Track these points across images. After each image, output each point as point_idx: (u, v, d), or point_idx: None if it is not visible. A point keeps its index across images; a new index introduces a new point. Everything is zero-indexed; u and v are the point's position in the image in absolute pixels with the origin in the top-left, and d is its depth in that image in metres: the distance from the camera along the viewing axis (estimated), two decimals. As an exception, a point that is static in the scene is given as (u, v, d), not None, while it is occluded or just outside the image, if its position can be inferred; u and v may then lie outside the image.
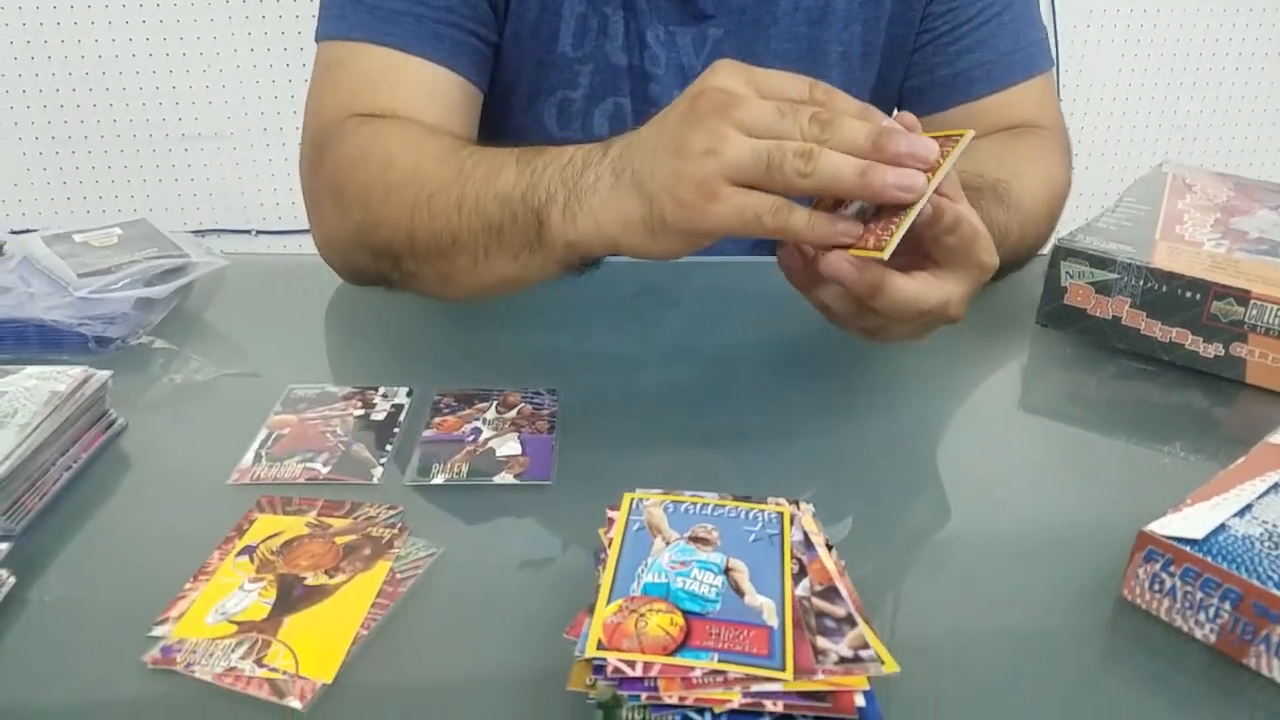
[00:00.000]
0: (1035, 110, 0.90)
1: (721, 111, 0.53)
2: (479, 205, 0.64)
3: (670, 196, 0.54)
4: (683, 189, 0.53)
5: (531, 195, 0.61)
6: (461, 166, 0.67)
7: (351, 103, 0.79)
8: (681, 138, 0.54)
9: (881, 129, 0.54)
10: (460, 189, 0.65)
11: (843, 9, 0.87)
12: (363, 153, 0.74)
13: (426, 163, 0.69)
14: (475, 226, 0.64)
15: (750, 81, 0.55)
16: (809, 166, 0.52)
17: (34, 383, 0.59)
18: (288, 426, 0.63)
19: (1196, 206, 0.78)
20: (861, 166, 0.52)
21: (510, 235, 0.63)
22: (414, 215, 0.68)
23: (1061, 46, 2.32)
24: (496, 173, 0.64)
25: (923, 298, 0.56)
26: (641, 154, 0.57)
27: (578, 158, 0.60)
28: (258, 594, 0.48)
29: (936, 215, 0.55)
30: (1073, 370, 0.73)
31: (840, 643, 0.42)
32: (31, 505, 0.54)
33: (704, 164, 0.53)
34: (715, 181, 0.53)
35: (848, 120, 0.54)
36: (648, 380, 0.72)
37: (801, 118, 0.54)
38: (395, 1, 0.79)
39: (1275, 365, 0.66)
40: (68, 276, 0.74)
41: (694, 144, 0.53)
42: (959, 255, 0.57)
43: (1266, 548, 0.46)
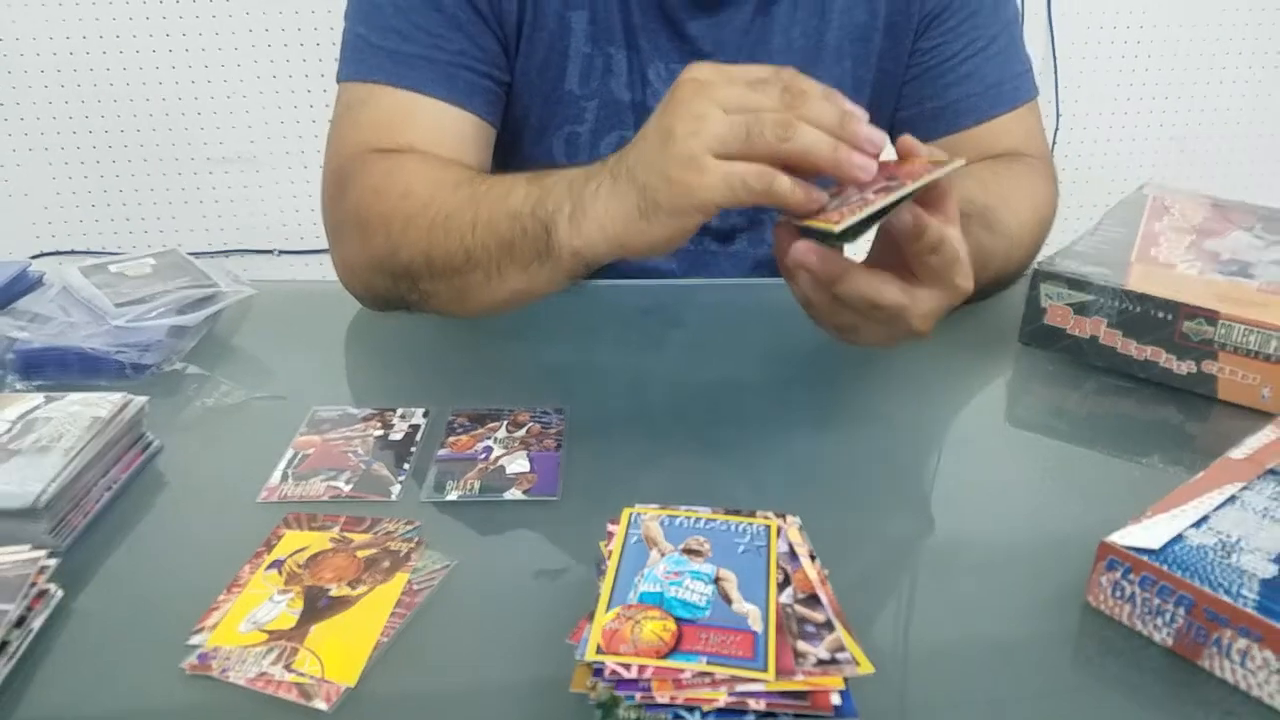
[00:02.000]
0: (1022, 139, 0.93)
1: (698, 94, 0.57)
2: (492, 223, 0.68)
3: (661, 178, 0.58)
4: (671, 168, 0.57)
5: (540, 208, 0.65)
6: (475, 191, 0.71)
7: (371, 140, 0.83)
8: (665, 125, 0.58)
9: (846, 111, 0.57)
10: (474, 210, 0.70)
11: (834, 45, 0.90)
12: (382, 185, 0.78)
13: (442, 191, 0.74)
14: (489, 243, 0.68)
15: (721, 70, 0.59)
16: (788, 133, 0.55)
17: (77, 408, 0.63)
18: (312, 447, 0.67)
19: (1173, 228, 0.82)
20: (834, 141, 0.56)
21: (521, 248, 0.67)
22: (430, 237, 0.72)
23: (1060, 62, 2.35)
24: (509, 192, 0.68)
25: (881, 295, 0.60)
26: (634, 153, 0.61)
27: (583, 172, 0.65)
28: (286, 604, 0.52)
29: (919, 230, 0.58)
30: (1053, 387, 0.76)
31: (819, 646, 0.45)
32: (76, 523, 0.58)
33: (688, 143, 0.56)
34: (701, 156, 0.56)
35: (817, 98, 0.57)
36: (651, 398, 0.76)
37: (773, 92, 0.57)
38: (411, 46, 0.84)
39: (1244, 382, 0.69)
40: (105, 306, 0.79)
41: (677, 128, 0.57)
42: (936, 274, 0.60)
43: (1219, 556, 0.50)
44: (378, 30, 0.85)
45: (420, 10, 0.84)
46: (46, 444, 0.60)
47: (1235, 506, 0.54)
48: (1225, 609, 0.47)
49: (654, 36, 0.89)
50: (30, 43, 2.09)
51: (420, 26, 0.84)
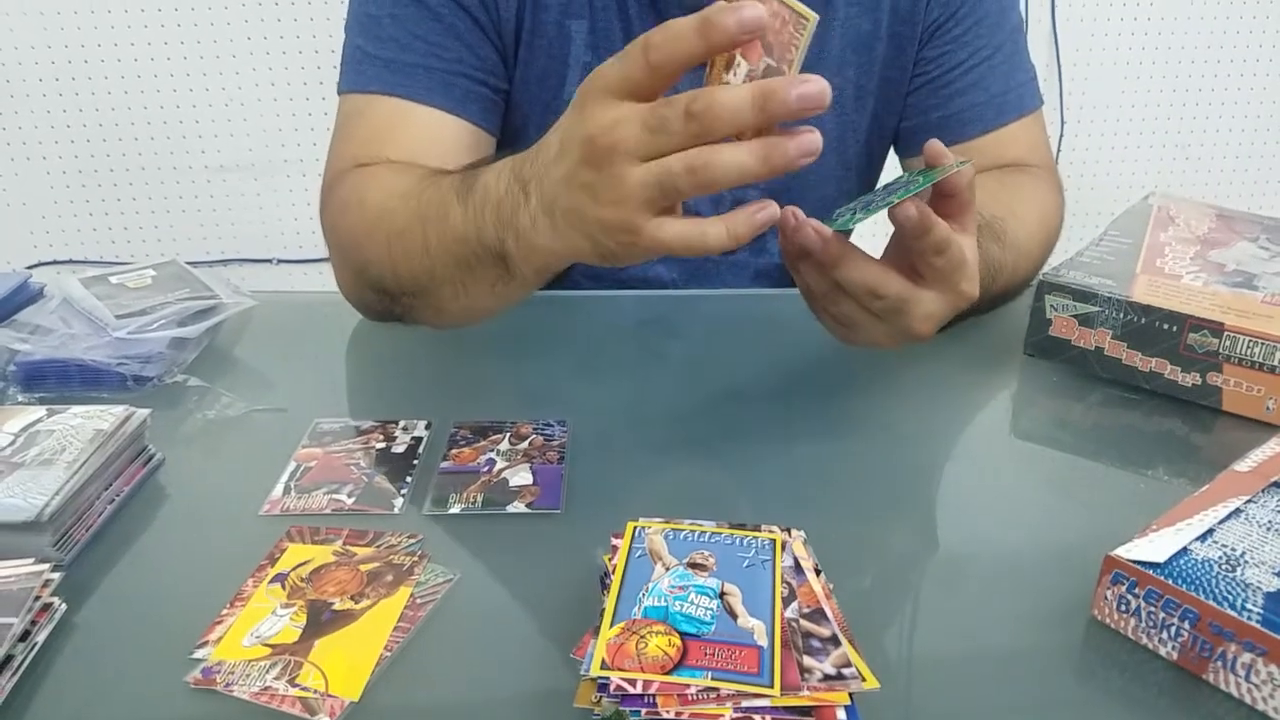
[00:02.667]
0: (1026, 149, 0.93)
1: (609, 155, 0.53)
2: (443, 245, 0.67)
3: (608, 237, 0.56)
4: (613, 233, 0.55)
5: (483, 238, 0.63)
6: (419, 207, 0.70)
7: (359, 153, 0.84)
8: (590, 187, 0.55)
9: (758, 90, 0.50)
10: (422, 230, 0.69)
11: (836, 54, 0.91)
12: (349, 198, 0.80)
13: (391, 201, 0.74)
14: (448, 263, 0.68)
15: (617, 119, 0.53)
16: (705, 177, 0.51)
17: (79, 421, 0.63)
18: (314, 459, 0.67)
19: (1178, 239, 0.82)
20: (759, 153, 0.51)
21: (481, 272, 0.66)
22: (391, 254, 0.73)
23: (1064, 70, 2.35)
24: (445, 214, 0.67)
25: (884, 284, 0.60)
26: (559, 194, 0.57)
27: (505, 201, 0.61)
28: (289, 618, 0.52)
29: (925, 227, 0.57)
30: (1059, 398, 0.76)
31: (825, 661, 0.45)
32: (79, 536, 0.58)
33: (618, 210, 0.54)
34: (636, 220, 0.54)
35: (721, 97, 0.50)
36: (653, 409, 0.76)
37: (675, 122, 0.51)
38: (409, 55, 0.84)
39: (1249, 393, 0.69)
40: (106, 318, 0.79)
41: (601, 193, 0.54)
42: (942, 277, 0.60)
43: (1223, 570, 0.50)
44: (375, 41, 0.86)
45: (417, 20, 0.85)
46: (49, 457, 0.59)
47: (1240, 520, 0.54)
48: (1230, 623, 0.47)
49: None
50: (29, 52, 2.10)
51: (418, 36, 0.84)
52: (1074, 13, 2.32)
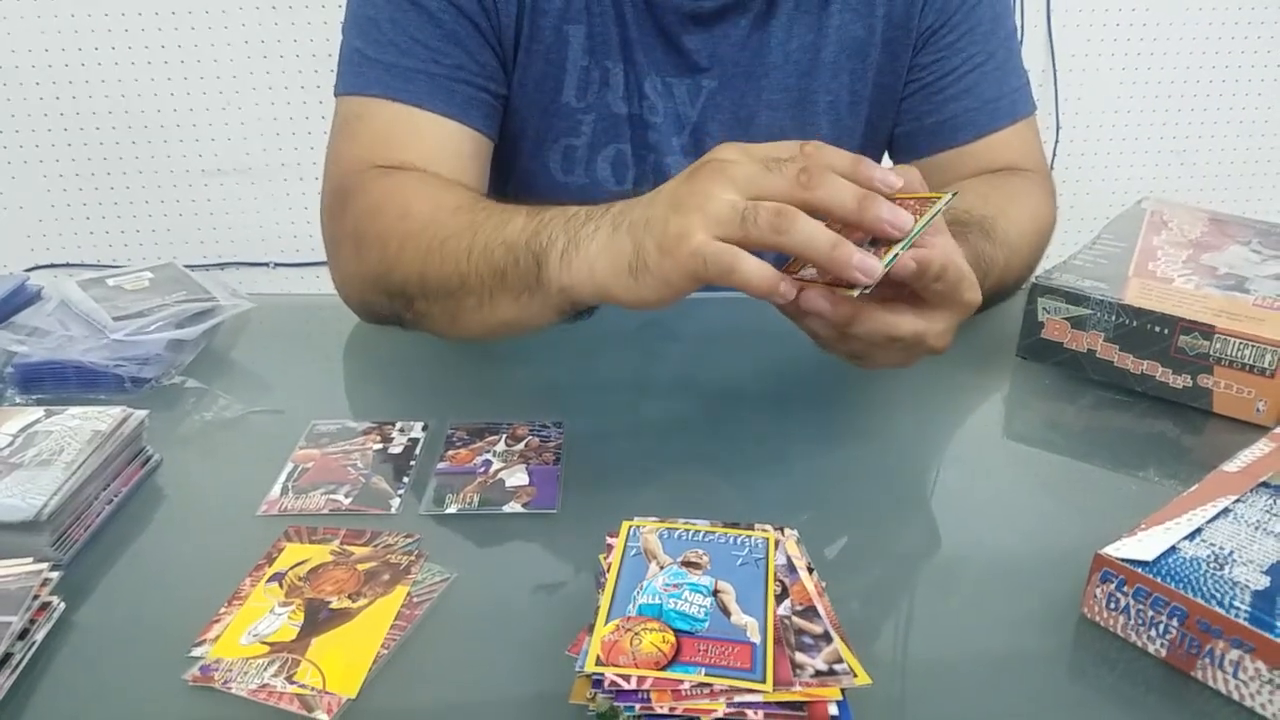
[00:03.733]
0: (1019, 154, 0.94)
1: (714, 173, 0.57)
2: (487, 251, 0.68)
3: (655, 241, 0.57)
4: (666, 236, 0.56)
5: (535, 241, 0.64)
6: (474, 217, 0.71)
7: (370, 155, 0.84)
8: (676, 193, 0.58)
9: (864, 193, 0.56)
10: (471, 236, 0.69)
11: (830, 60, 0.91)
12: (382, 203, 0.79)
13: (441, 214, 0.74)
14: (482, 270, 0.68)
15: (744, 149, 0.59)
16: (784, 225, 0.55)
17: (77, 422, 0.64)
18: (312, 460, 0.67)
19: (1170, 243, 0.82)
20: (833, 240, 0.55)
21: (512, 278, 0.66)
22: (426, 260, 0.72)
23: (1060, 74, 2.36)
24: (507, 222, 0.68)
25: (897, 328, 0.61)
26: (640, 208, 0.60)
27: (583, 212, 0.64)
28: (287, 617, 0.53)
29: (922, 268, 0.58)
30: (1051, 400, 0.77)
31: (817, 657, 0.46)
32: (77, 536, 0.59)
33: (689, 217, 0.56)
34: (695, 232, 0.55)
35: (835, 178, 0.56)
36: (649, 412, 0.76)
37: (789, 171, 0.56)
38: (409, 60, 0.84)
39: (1239, 396, 0.70)
40: (103, 320, 0.79)
41: (684, 200, 0.57)
42: (945, 297, 0.61)
43: (1211, 569, 0.50)
44: (375, 44, 0.86)
45: (418, 25, 0.85)
46: (48, 458, 0.60)
47: (1228, 519, 0.54)
48: (1218, 620, 0.47)
49: (650, 50, 0.89)
50: (26, 56, 2.10)
51: (418, 40, 0.85)
52: (1070, 19, 2.33)
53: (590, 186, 0.94)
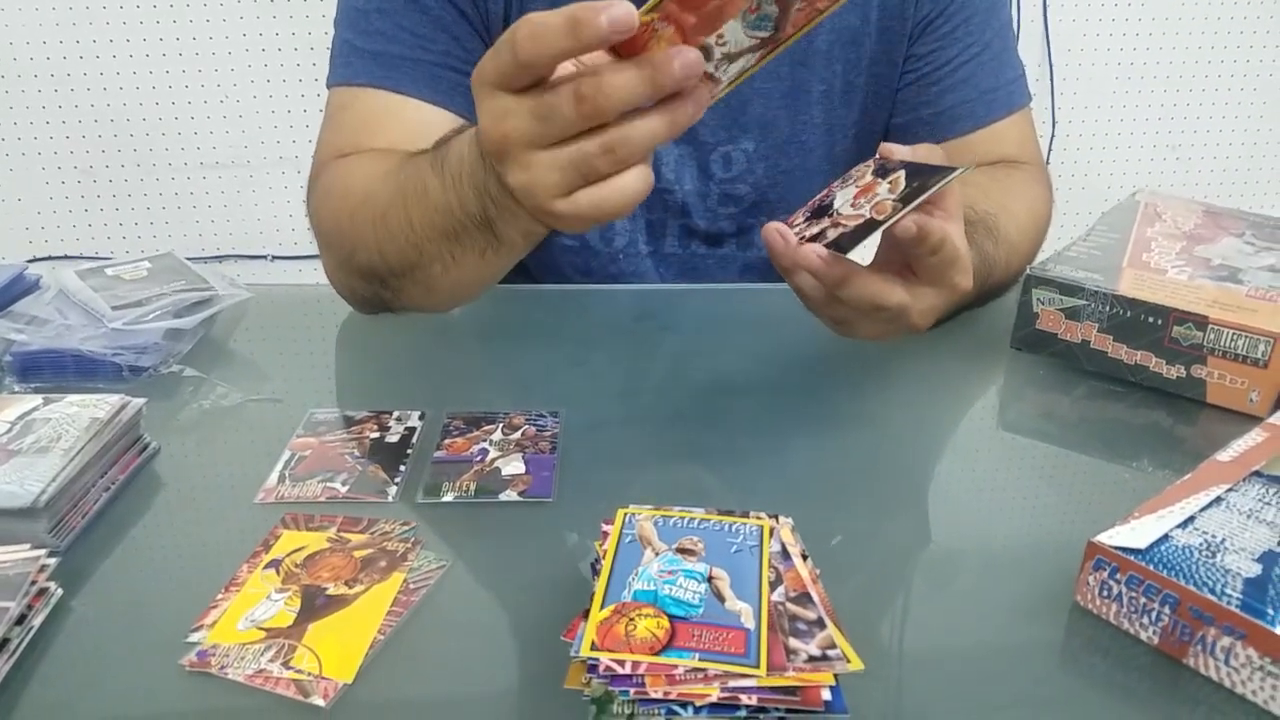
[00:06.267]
0: (1016, 146, 0.94)
1: (503, 147, 0.54)
2: (426, 219, 0.67)
3: (549, 222, 0.58)
4: (546, 220, 0.57)
5: (465, 205, 0.64)
6: (399, 184, 0.71)
7: (345, 144, 0.84)
8: (507, 183, 0.56)
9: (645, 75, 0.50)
10: (404, 207, 0.69)
11: (824, 49, 0.91)
12: (332, 186, 0.81)
13: (374, 183, 0.74)
14: (434, 237, 0.68)
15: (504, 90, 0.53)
16: (622, 156, 0.52)
17: (75, 410, 0.64)
18: (309, 449, 0.68)
19: (1164, 234, 0.83)
20: (666, 121, 0.52)
21: (468, 241, 0.66)
22: (376, 235, 0.73)
23: (1056, 68, 2.36)
24: (424, 188, 0.67)
25: (885, 297, 0.61)
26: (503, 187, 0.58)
27: (478, 169, 0.61)
28: (284, 603, 0.53)
29: (922, 235, 0.59)
30: (1046, 391, 0.77)
31: (810, 643, 0.46)
32: (75, 523, 0.59)
33: (541, 203, 0.55)
34: (553, 207, 0.55)
35: (610, 79, 0.50)
36: (644, 402, 0.77)
37: (565, 107, 0.51)
38: (397, 48, 0.85)
39: (1233, 386, 0.70)
40: (102, 309, 0.79)
41: (518, 189, 0.55)
42: (936, 273, 0.62)
43: (1204, 556, 0.51)
44: (363, 34, 0.86)
45: (404, 13, 0.85)
46: (46, 445, 0.60)
47: (1221, 508, 0.55)
48: (1210, 607, 0.48)
49: None
50: (24, 48, 2.10)
51: (404, 28, 0.85)
52: (1066, 13, 2.33)
53: None
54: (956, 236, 0.61)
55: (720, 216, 0.97)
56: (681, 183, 0.95)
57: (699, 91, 0.52)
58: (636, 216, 0.97)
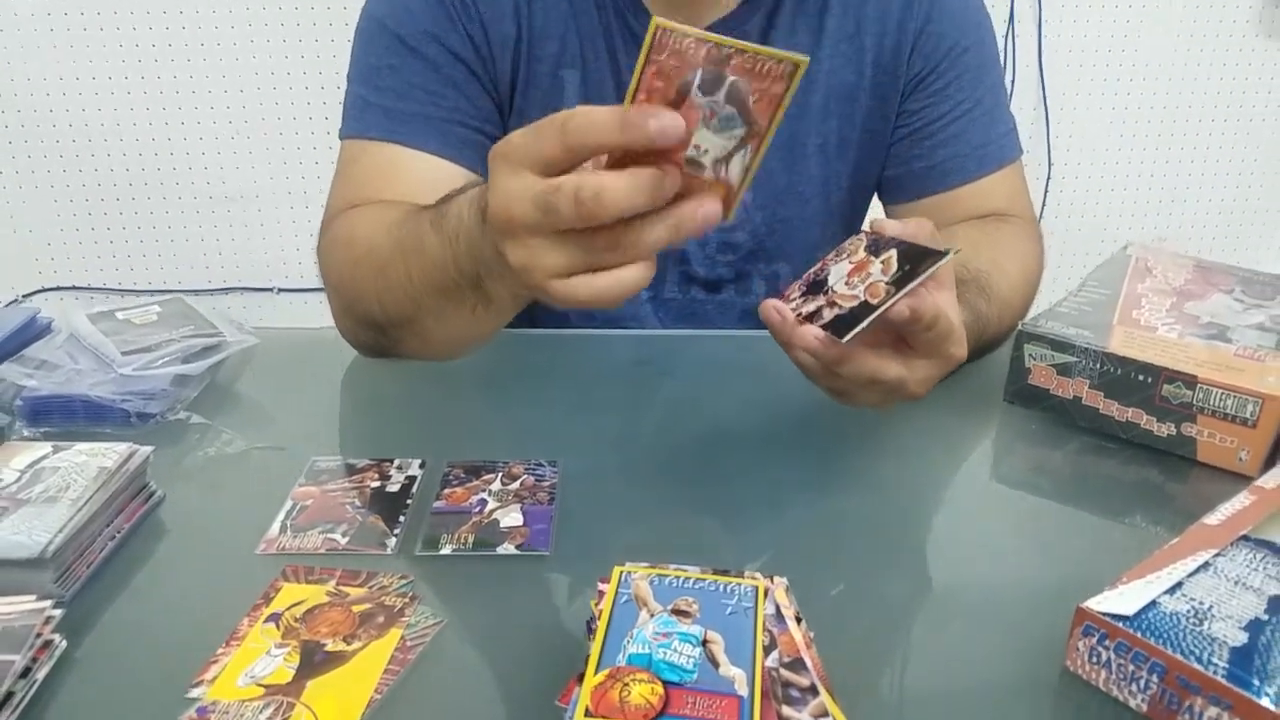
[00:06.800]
0: (1006, 200, 0.95)
1: (507, 227, 0.55)
2: (424, 274, 0.69)
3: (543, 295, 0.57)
4: (539, 295, 0.57)
5: (459, 264, 0.65)
6: (400, 238, 0.72)
7: (355, 195, 0.87)
8: (506, 261, 0.57)
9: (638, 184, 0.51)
10: (404, 261, 0.71)
11: (819, 105, 0.93)
12: (339, 235, 0.83)
13: (377, 235, 0.76)
14: (430, 292, 0.70)
15: (527, 169, 0.54)
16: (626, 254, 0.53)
17: (84, 459, 0.65)
18: (311, 498, 0.69)
19: (1155, 290, 0.84)
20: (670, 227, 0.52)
21: (460, 298, 0.68)
22: (376, 286, 0.75)
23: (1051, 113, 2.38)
24: (421, 245, 0.69)
25: (882, 372, 0.63)
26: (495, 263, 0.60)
27: (475, 231, 0.62)
28: (283, 659, 0.54)
29: (915, 316, 0.60)
30: (1038, 446, 0.78)
31: (803, 710, 0.47)
32: (80, 573, 0.60)
33: (535, 281, 0.55)
34: (551, 288, 0.55)
35: (610, 186, 0.51)
36: (643, 451, 0.78)
37: (565, 208, 0.52)
38: (408, 104, 0.87)
39: (1222, 444, 0.71)
40: (112, 354, 0.81)
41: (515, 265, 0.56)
42: (931, 347, 0.63)
43: (1191, 624, 0.51)
44: (375, 89, 0.89)
45: (417, 71, 0.88)
46: (54, 494, 0.61)
47: (1209, 573, 0.55)
48: (1196, 677, 0.48)
49: None
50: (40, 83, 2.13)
51: (415, 85, 0.88)
52: (1061, 60, 2.36)
53: None
54: (950, 309, 0.62)
55: (719, 264, 0.99)
56: None
57: (706, 197, 0.52)
58: None
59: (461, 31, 0.89)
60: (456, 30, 0.89)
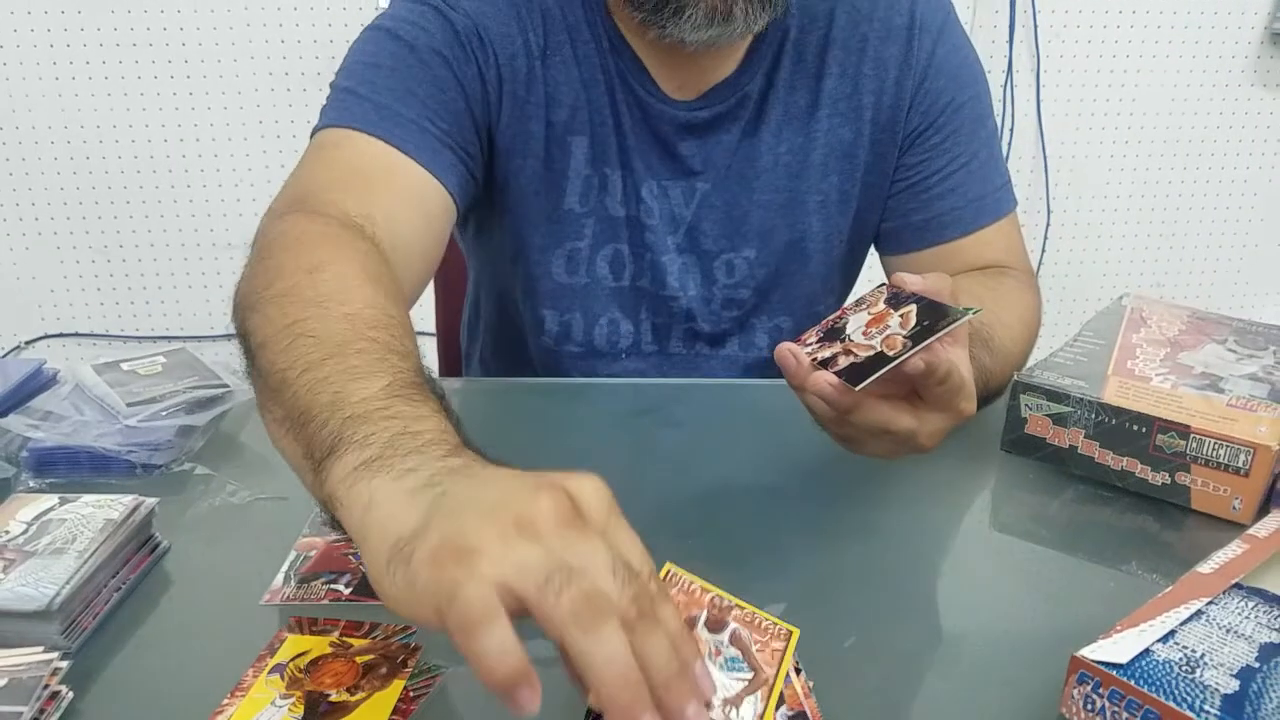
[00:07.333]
0: (1003, 251, 0.97)
1: (554, 517, 0.44)
2: (318, 384, 0.54)
3: (439, 538, 0.43)
4: (451, 539, 0.42)
5: (353, 424, 0.51)
6: (353, 335, 0.57)
7: (341, 183, 0.79)
8: (504, 503, 0.44)
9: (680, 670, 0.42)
10: (323, 356, 0.56)
11: (820, 162, 0.95)
12: (303, 240, 0.70)
13: (335, 304, 0.60)
14: (302, 396, 0.54)
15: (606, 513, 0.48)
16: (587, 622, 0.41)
17: (90, 510, 0.66)
18: (314, 548, 0.69)
19: (1149, 340, 0.85)
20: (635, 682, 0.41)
21: (309, 437, 0.52)
22: (277, 329, 0.60)
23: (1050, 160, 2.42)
24: (358, 376, 0.54)
25: (893, 422, 0.64)
26: (462, 490, 0.46)
27: (424, 435, 0.50)
28: (288, 709, 0.54)
29: (929, 370, 0.61)
30: (1035, 494, 0.79)
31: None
32: (86, 624, 0.60)
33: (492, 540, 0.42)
34: (481, 560, 0.41)
35: (663, 633, 0.43)
36: (645, 500, 0.78)
37: (627, 587, 0.43)
38: (404, 108, 0.83)
39: (1216, 493, 0.72)
40: (117, 405, 0.82)
41: (503, 516, 0.43)
42: (942, 401, 0.64)
43: (1183, 672, 0.52)
44: (369, 85, 0.84)
45: (420, 79, 0.84)
46: (61, 546, 0.62)
47: (1201, 621, 0.56)
48: (1190, 725, 0.49)
49: (647, 156, 0.93)
50: (46, 131, 2.16)
51: (416, 93, 0.84)
52: (1059, 108, 2.40)
53: (592, 285, 0.97)
54: (962, 365, 0.63)
55: (723, 319, 1.00)
56: (685, 289, 0.98)
57: None
58: (641, 320, 1.00)
59: (475, 69, 0.87)
60: (470, 65, 0.87)
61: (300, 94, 2.18)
